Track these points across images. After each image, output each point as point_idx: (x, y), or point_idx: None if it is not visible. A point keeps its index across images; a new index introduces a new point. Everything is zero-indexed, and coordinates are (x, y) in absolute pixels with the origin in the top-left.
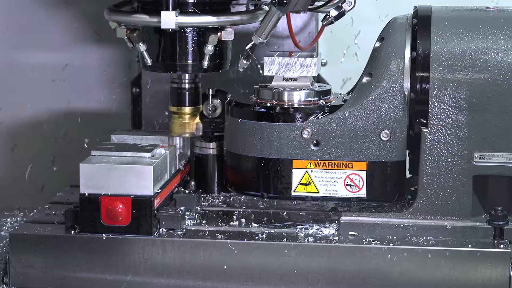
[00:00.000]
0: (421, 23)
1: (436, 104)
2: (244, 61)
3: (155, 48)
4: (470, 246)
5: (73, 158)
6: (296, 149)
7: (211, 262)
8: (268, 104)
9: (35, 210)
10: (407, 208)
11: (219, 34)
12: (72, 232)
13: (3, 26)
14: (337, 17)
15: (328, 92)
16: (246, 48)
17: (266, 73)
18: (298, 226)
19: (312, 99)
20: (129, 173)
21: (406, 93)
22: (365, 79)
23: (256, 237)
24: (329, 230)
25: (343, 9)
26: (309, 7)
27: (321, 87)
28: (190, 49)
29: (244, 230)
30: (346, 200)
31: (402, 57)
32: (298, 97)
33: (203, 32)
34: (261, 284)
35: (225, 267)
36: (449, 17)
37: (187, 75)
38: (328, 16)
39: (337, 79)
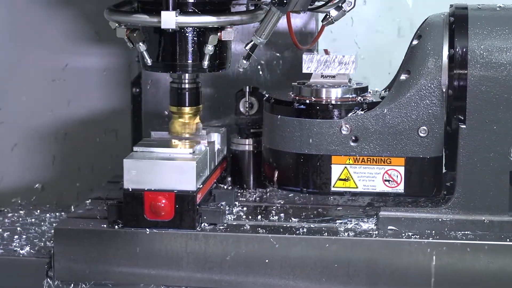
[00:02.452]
0: (458, 22)
1: (473, 100)
2: (244, 61)
3: (155, 48)
4: (508, 240)
5: (73, 158)
6: (335, 145)
7: (253, 256)
8: (307, 101)
9: (76, 206)
10: (443, 203)
11: (219, 34)
12: (116, 226)
13: (3, 26)
14: (337, 17)
15: (365, 89)
16: (246, 48)
17: (305, 70)
18: (337, 221)
19: (350, 96)
20: (172, 169)
21: (444, 90)
22: (403, 76)
23: (297, 232)
24: (368, 225)
25: (343, 9)
26: (309, 7)
27: (359, 84)
28: (190, 49)
29: (285, 225)
30: (385, 195)
31: (440, 54)
32: (336, 94)
33: (203, 32)
34: (302, 278)
35: (266, 261)
36: (486, 15)
37: (187, 75)
38: (328, 16)
39: None
